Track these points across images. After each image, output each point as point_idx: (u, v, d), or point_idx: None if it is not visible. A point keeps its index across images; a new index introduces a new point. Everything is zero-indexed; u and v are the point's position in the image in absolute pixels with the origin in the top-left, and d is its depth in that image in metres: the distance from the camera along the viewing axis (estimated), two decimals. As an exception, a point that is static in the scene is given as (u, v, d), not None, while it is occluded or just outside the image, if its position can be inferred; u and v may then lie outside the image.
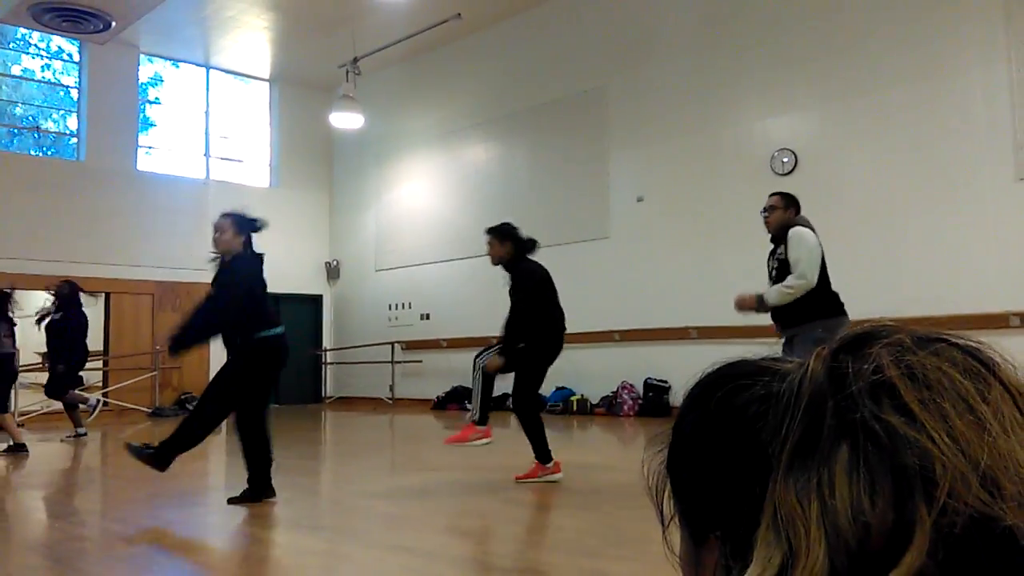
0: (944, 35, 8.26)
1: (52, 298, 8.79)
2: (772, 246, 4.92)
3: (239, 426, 4.85)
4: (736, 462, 0.45)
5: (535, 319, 5.37)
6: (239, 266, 4.83)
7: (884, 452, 0.40)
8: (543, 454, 5.35)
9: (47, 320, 8.67)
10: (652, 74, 10.62)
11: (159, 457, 4.77)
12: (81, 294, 8.90)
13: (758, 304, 4.71)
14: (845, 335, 0.46)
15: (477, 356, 5.47)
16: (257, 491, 4.80)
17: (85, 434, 8.88)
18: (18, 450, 7.67)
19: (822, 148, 9.15)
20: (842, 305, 4.79)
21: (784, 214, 4.82)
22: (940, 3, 8.29)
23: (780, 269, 4.75)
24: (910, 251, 8.34)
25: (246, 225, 4.88)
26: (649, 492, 0.52)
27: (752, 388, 0.47)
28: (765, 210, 4.88)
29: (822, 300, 4.70)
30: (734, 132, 9.84)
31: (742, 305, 4.79)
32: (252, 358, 4.80)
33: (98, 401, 9.04)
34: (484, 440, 5.38)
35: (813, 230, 4.80)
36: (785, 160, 9.36)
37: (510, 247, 5.55)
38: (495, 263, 5.64)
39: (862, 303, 8.35)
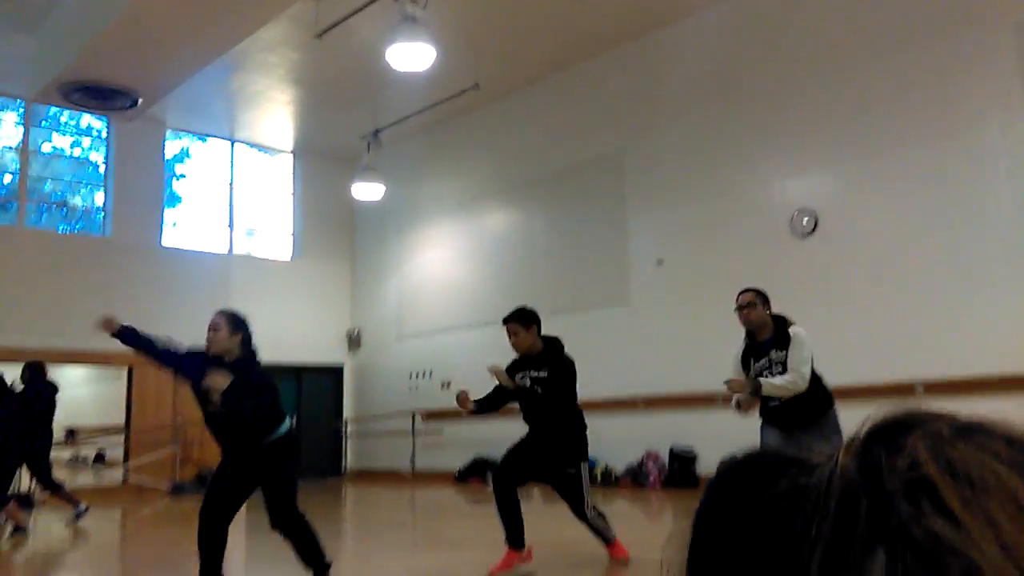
0: (962, 96, 8.23)
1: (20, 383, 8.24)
2: (746, 343, 4.91)
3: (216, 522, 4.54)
4: (763, 566, 0.40)
5: (578, 423, 5.14)
6: (256, 370, 4.63)
7: (925, 560, 0.35)
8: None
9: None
10: (669, 138, 10.66)
11: (324, 565, 4.59)
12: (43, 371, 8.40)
13: (754, 389, 4.65)
14: (877, 422, 0.41)
15: (582, 509, 5.00)
16: None
17: (87, 509, 8.42)
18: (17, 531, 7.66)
19: (842, 209, 9.06)
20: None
21: (764, 310, 4.87)
22: (957, 64, 8.28)
23: (786, 370, 4.76)
24: (934, 313, 8.17)
25: (242, 324, 4.63)
26: None
27: (780, 481, 0.42)
28: (744, 307, 4.87)
29: (825, 393, 4.80)
30: (753, 194, 9.80)
31: (736, 388, 4.71)
32: (285, 454, 4.66)
33: (83, 510, 8.35)
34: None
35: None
36: (805, 221, 9.27)
37: (536, 331, 5.14)
38: (523, 353, 5.15)
39: (886, 365, 8.23)
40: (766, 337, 4.82)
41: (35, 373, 8.35)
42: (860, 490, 0.38)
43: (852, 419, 0.44)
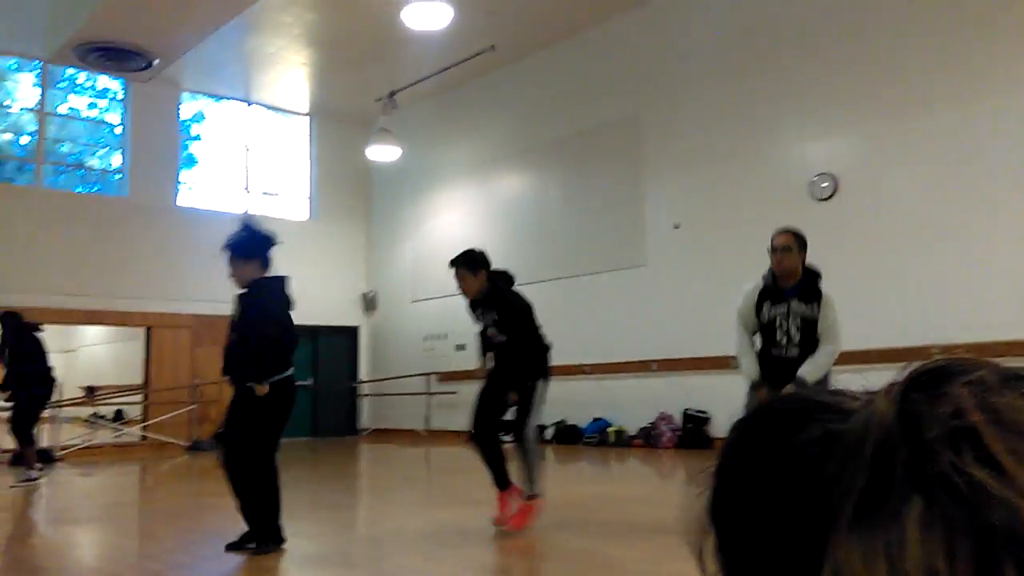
0: (982, 56, 8.09)
1: None
2: (765, 289, 4.47)
3: (243, 469, 4.40)
4: (791, 514, 0.39)
5: (537, 351, 5.05)
6: (263, 290, 4.54)
7: (965, 509, 0.34)
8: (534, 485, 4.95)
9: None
10: (686, 100, 10.56)
11: (271, 537, 4.37)
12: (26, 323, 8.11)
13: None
14: (917, 370, 0.39)
15: (522, 428, 4.89)
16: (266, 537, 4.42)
17: (36, 479, 7.88)
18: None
19: (862, 172, 8.97)
20: None
21: (799, 256, 4.38)
22: (977, 24, 8.13)
23: (805, 329, 4.34)
24: (955, 276, 8.11)
25: (248, 250, 4.57)
26: (688, 543, 0.44)
27: (810, 427, 0.40)
28: (778, 249, 4.38)
29: None
30: (771, 157, 9.71)
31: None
32: (281, 398, 4.46)
33: (34, 478, 7.88)
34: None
35: None
36: (824, 185, 9.19)
37: (484, 277, 4.98)
38: (472, 298, 5.02)
39: (907, 331, 8.19)
40: (791, 284, 4.40)
41: (17, 323, 7.98)
42: (899, 437, 0.37)
43: (870, 384, 0.43)
